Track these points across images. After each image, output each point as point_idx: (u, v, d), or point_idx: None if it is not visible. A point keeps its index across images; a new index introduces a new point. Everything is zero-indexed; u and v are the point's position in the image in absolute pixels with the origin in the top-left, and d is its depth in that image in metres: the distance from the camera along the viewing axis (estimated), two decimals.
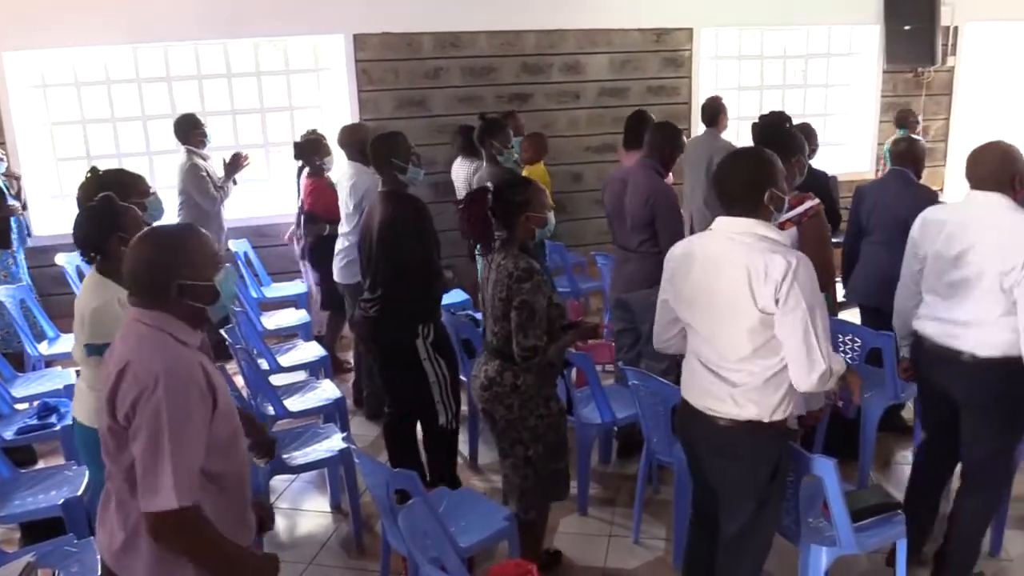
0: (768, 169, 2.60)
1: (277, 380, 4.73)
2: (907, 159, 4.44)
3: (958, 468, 3.35)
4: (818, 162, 5.23)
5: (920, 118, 8.08)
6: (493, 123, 5.31)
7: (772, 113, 4.79)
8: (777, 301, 2.43)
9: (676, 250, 2.77)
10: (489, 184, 3.29)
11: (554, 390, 3.27)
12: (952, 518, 3.33)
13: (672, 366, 3.92)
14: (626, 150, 6.27)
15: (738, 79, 8.46)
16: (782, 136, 3.82)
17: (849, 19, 8.55)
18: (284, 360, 5.15)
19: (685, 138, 4.49)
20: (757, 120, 4.42)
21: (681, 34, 7.75)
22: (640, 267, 4.24)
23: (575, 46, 7.43)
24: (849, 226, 4.65)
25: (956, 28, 8.70)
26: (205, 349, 2.24)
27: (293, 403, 4.42)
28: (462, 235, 3.23)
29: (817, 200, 3.53)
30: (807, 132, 4.77)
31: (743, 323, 2.50)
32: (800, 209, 3.42)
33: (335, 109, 7.08)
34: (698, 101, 7.41)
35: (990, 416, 3.06)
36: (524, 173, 5.65)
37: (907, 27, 8.21)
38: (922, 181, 4.52)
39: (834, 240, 4.89)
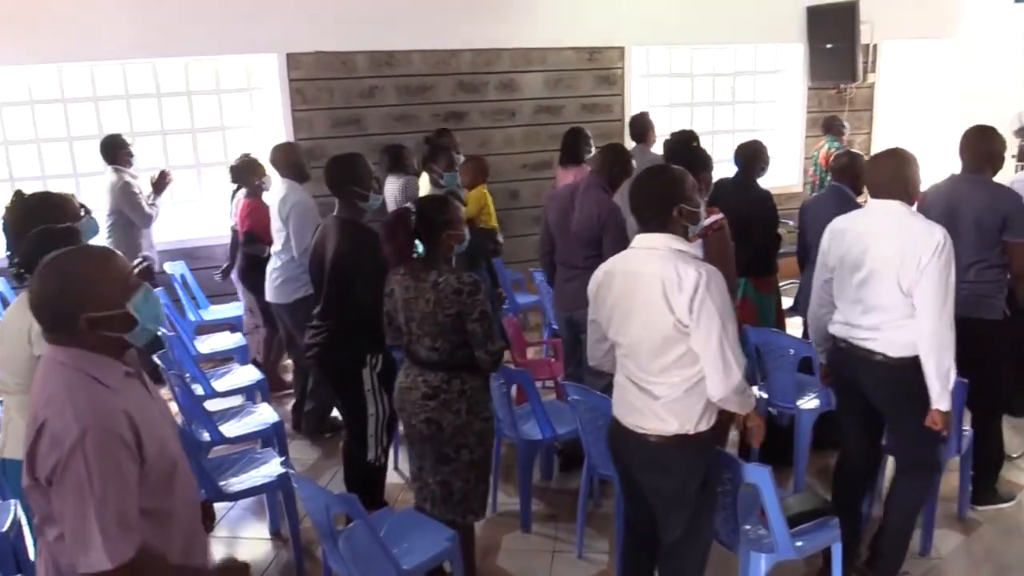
0: (677, 185, 2.70)
1: (213, 405, 4.64)
2: (847, 174, 4.54)
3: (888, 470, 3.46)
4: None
5: (848, 125, 8.34)
6: (434, 148, 5.34)
7: (681, 132, 4.93)
8: (691, 311, 2.51)
9: (600, 269, 2.86)
10: (410, 204, 3.34)
11: (490, 394, 3.37)
12: (884, 512, 3.43)
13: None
14: (562, 167, 6.38)
15: (669, 96, 8.63)
16: (690, 153, 3.95)
17: (774, 38, 8.82)
18: (219, 384, 5.06)
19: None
20: (668, 137, 4.53)
21: (613, 53, 7.89)
22: (582, 283, 4.28)
23: (510, 64, 7.50)
24: (799, 239, 4.75)
25: (875, 46, 9.05)
26: (138, 374, 2.11)
27: (229, 428, 4.34)
28: (383, 251, 3.26)
29: (721, 215, 3.63)
30: (757, 149, 4.88)
31: (661, 334, 2.59)
32: (706, 223, 3.50)
33: (269, 129, 7.00)
34: (630, 118, 7.54)
35: (910, 414, 3.16)
36: (466, 196, 5.69)
37: (829, 45, 8.51)
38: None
39: (782, 251, 5.04)
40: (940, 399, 3.02)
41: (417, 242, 3.22)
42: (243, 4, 6.49)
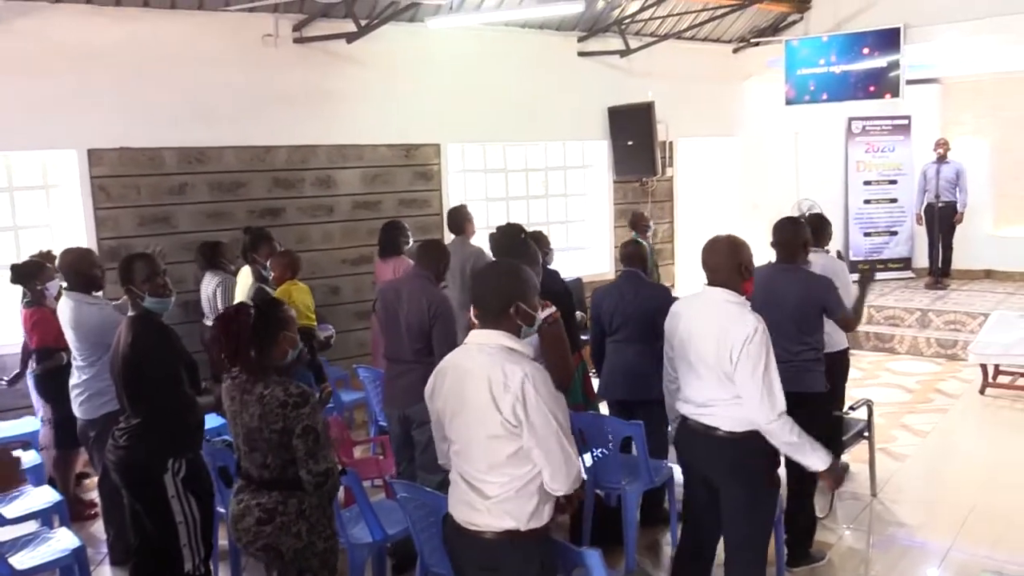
0: (519, 283, 2.71)
1: (3, 534, 4.17)
2: (635, 260, 4.87)
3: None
4: (562, 265, 5.62)
5: (652, 224, 8.84)
6: (256, 238, 5.18)
7: (508, 225, 5.11)
8: (518, 410, 2.51)
9: (438, 368, 2.83)
10: (250, 301, 3.20)
11: (332, 509, 3.20)
12: None
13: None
14: (381, 259, 6.40)
15: (485, 190, 8.92)
16: (518, 247, 4.08)
17: (580, 136, 9.40)
18: (9, 510, 4.55)
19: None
20: (494, 231, 4.67)
21: (429, 149, 8.10)
22: (419, 378, 4.23)
23: (327, 161, 7.51)
24: (593, 326, 4.95)
25: (671, 143, 9.85)
26: None
27: (21, 559, 3.90)
28: (209, 354, 3.09)
29: (555, 308, 3.75)
30: (538, 238, 5.13)
31: (489, 432, 2.57)
32: (540, 317, 3.60)
33: (68, 228, 6.58)
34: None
35: (744, 489, 3.32)
36: (275, 293, 5.49)
37: (630, 143, 9.17)
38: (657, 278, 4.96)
39: (583, 338, 5.26)
40: (813, 464, 3.19)
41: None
42: (39, 98, 6.14)
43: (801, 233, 4.25)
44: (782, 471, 3.55)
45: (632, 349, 4.66)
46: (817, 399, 4.15)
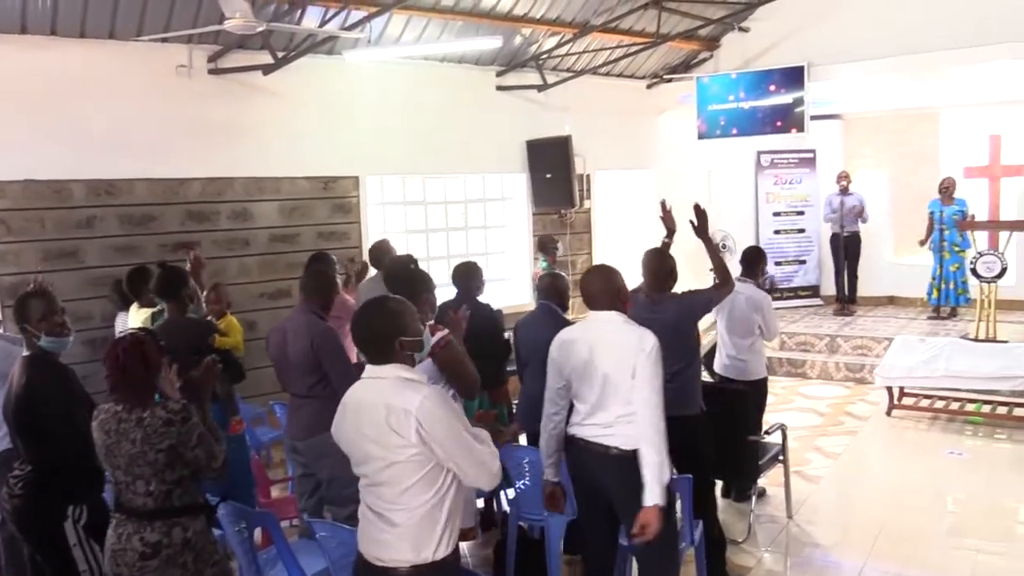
0: (396, 318, 2.72)
1: None
2: (552, 293, 4.91)
3: None
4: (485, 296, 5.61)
5: (560, 246, 8.81)
6: (177, 274, 5.02)
7: (397, 257, 5.11)
8: (422, 433, 2.54)
9: (343, 401, 2.82)
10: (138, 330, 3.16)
11: (213, 534, 3.18)
12: None
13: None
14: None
15: (405, 223, 8.90)
16: (410, 277, 4.09)
17: (500, 168, 9.49)
18: None
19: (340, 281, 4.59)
20: (385, 266, 4.65)
21: (348, 182, 8.04)
22: (313, 411, 4.17)
23: (243, 193, 7.38)
24: (517, 358, 4.99)
25: (588, 176, 10.03)
26: None
27: None
28: (109, 384, 3.02)
29: (446, 331, 3.75)
30: (470, 270, 5.15)
31: (395, 460, 2.59)
32: (432, 342, 3.61)
33: None
34: (367, 245, 7.65)
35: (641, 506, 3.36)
36: (222, 325, 5.39)
37: (548, 175, 9.30)
38: (574, 310, 5.01)
39: (510, 369, 5.27)
40: (652, 492, 3.23)
41: None
42: None
43: (666, 263, 4.39)
44: None
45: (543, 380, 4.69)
46: (695, 421, 4.25)
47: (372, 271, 6.73)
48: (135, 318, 5.50)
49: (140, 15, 6.39)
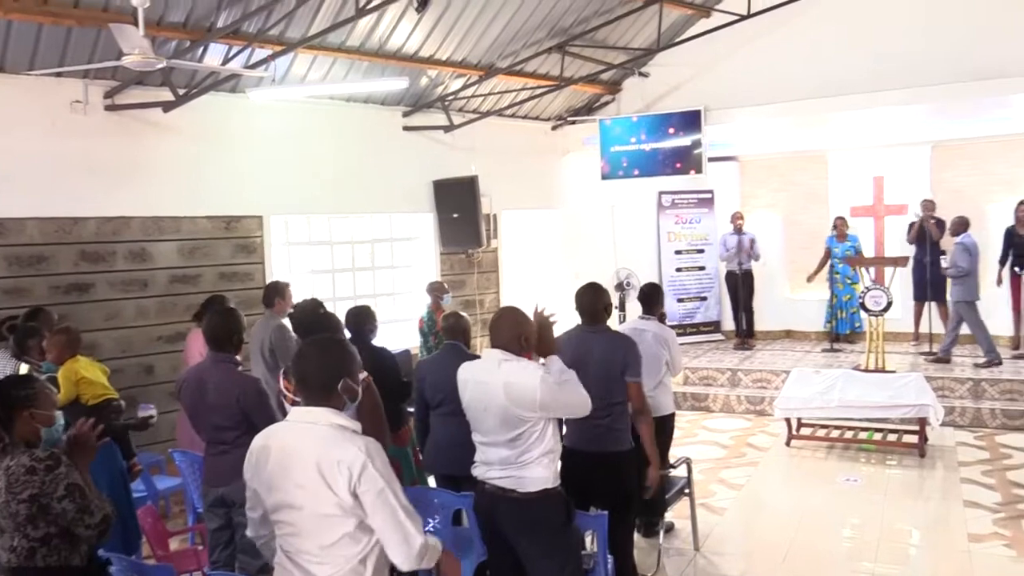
0: (343, 359, 2.68)
1: None
2: (456, 333, 4.90)
3: None
4: (390, 337, 5.58)
5: (448, 297, 8.70)
6: (24, 334, 4.81)
7: (306, 301, 5.04)
8: (354, 489, 2.45)
9: (256, 442, 2.71)
10: None
11: None
12: None
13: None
14: (197, 324, 6.05)
15: (311, 263, 8.78)
16: (319, 321, 4.03)
17: (406, 208, 9.50)
18: None
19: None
20: (292, 308, 4.58)
21: (251, 221, 7.90)
22: (234, 463, 4.02)
23: (141, 233, 7.15)
24: (417, 400, 4.91)
25: (495, 215, 10.14)
26: None
27: None
28: None
29: (366, 373, 3.72)
30: (364, 312, 5.13)
31: (323, 512, 2.49)
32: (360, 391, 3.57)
33: None
34: None
35: (547, 552, 3.38)
36: (59, 374, 5.08)
37: (455, 215, 9.35)
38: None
39: (410, 410, 5.20)
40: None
41: None
42: None
43: (601, 298, 4.45)
44: None
45: (456, 422, 4.66)
46: (625, 456, 4.31)
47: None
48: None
49: (33, 48, 6.18)
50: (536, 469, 3.35)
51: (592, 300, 4.41)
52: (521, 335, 3.47)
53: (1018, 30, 9.08)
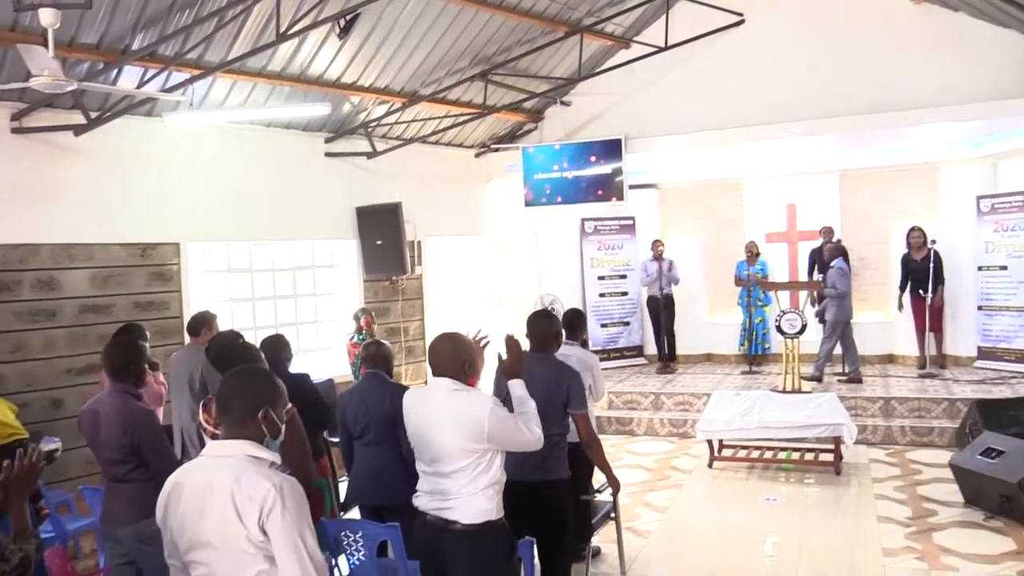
0: (267, 388, 2.59)
1: None
2: (378, 361, 4.84)
3: None
4: (313, 365, 5.48)
5: (374, 318, 8.60)
6: None
7: (223, 333, 4.95)
8: (263, 525, 2.36)
9: (169, 481, 2.58)
10: None
11: None
12: None
13: None
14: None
15: (230, 291, 8.58)
16: (239, 353, 3.96)
17: (329, 235, 9.38)
18: None
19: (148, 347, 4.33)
20: (211, 341, 4.50)
21: (168, 248, 7.68)
22: (132, 496, 3.87)
23: (50, 261, 6.87)
24: (341, 430, 4.82)
25: (420, 242, 10.10)
26: None
27: None
28: None
29: (291, 404, 3.65)
30: (278, 342, 5.05)
31: (236, 550, 2.39)
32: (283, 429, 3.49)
33: None
34: (190, 314, 7.30)
35: None
36: None
37: (379, 242, 9.27)
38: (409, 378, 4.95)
39: (333, 440, 5.11)
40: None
41: None
42: None
43: (553, 325, 4.50)
44: None
45: (378, 451, 4.60)
46: (562, 485, 4.32)
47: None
48: None
49: None
50: (480, 500, 3.30)
51: (545, 328, 4.46)
52: (464, 362, 3.43)
53: (914, 67, 9.57)
